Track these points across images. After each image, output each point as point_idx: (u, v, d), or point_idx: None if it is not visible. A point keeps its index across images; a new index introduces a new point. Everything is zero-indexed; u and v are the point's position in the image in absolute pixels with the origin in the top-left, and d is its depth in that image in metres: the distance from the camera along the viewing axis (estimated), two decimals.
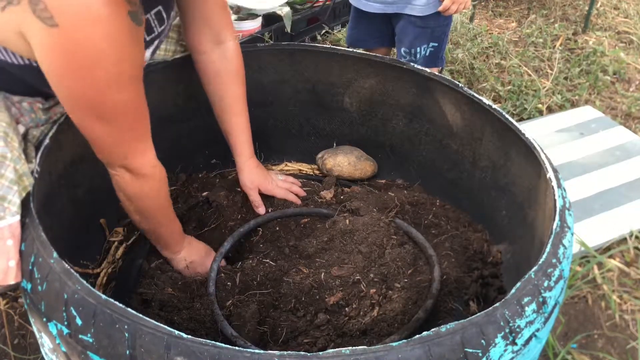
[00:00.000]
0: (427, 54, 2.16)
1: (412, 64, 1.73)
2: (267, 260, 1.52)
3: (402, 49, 2.16)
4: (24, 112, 1.28)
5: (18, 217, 1.10)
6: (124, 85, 1.09)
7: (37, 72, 1.07)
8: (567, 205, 1.22)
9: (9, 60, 1.13)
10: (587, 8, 3.74)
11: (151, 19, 1.29)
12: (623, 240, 2.08)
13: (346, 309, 1.39)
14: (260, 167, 1.70)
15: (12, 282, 1.07)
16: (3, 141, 1.14)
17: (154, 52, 1.42)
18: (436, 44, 2.15)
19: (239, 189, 1.72)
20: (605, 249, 2.06)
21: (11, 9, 0.98)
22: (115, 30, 1.01)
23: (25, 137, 1.28)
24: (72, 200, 1.45)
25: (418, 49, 2.14)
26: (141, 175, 1.25)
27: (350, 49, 1.81)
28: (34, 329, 1.12)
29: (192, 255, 1.51)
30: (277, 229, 1.64)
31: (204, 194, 1.76)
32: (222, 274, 1.45)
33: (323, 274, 1.45)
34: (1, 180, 1.09)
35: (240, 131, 1.62)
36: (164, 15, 1.33)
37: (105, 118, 1.12)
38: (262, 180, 1.68)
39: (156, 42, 1.37)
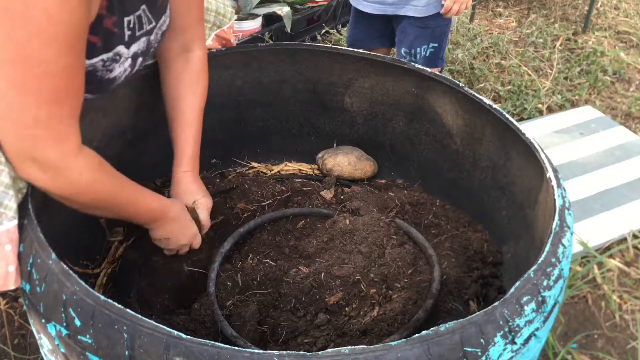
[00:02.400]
0: (427, 54, 2.16)
1: (412, 63, 1.73)
2: (267, 260, 1.52)
3: (402, 49, 2.17)
4: None
5: (15, 222, 1.09)
6: (60, 41, 0.93)
7: None
8: (566, 204, 1.22)
9: None
10: (587, 8, 3.74)
11: (143, 14, 1.23)
12: (623, 240, 2.08)
13: (346, 309, 1.39)
14: (198, 183, 1.53)
15: (12, 286, 1.07)
16: None
17: (143, 55, 1.30)
18: (436, 45, 2.15)
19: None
20: (605, 249, 2.06)
21: None
22: None
23: None
24: None
25: (418, 49, 2.14)
26: (62, 173, 1.02)
27: (351, 49, 1.81)
28: (33, 329, 1.12)
29: (172, 227, 1.38)
30: (277, 229, 1.64)
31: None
32: (222, 274, 1.45)
33: (323, 274, 1.45)
34: None
35: (185, 143, 1.49)
36: (149, 15, 1.25)
37: (27, 79, 0.92)
38: (193, 192, 1.51)
39: (143, 40, 1.26)
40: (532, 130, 2.63)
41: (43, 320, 0.99)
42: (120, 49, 1.18)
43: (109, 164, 1.15)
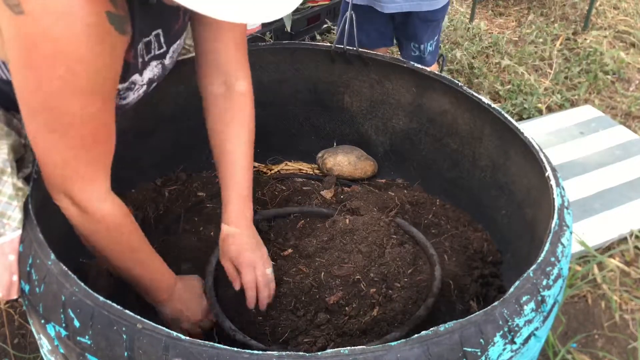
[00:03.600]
0: (432, 48, 2.16)
1: (412, 63, 1.73)
2: None
3: (412, 44, 2.15)
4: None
5: (19, 232, 1.10)
6: (84, 93, 0.96)
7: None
8: (565, 204, 1.22)
9: (8, 78, 1.07)
10: (586, 7, 3.74)
11: (153, 40, 1.19)
12: (623, 240, 2.08)
13: (346, 308, 1.39)
14: (252, 238, 1.39)
15: (14, 296, 1.08)
16: (2, 158, 1.13)
17: (158, 80, 1.29)
18: (437, 37, 2.15)
19: None
20: (606, 249, 2.06)
21: None
22: (85, 26, 0.90)
23: (25, 145, 1.27)
24: None
25: (427, 44, 2.13)
26: (86, 211, 1.06)
27: (352, 48, 1.81)
28: (33, 330, 1.12)
29: (182, 303, 1.29)
30: (277, 228, 1.64)
31: None
32: (222, 274, 1.45)
33: (323, 273, 1.45)
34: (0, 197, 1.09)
35: (231, 191, 1.37)
36: (162, 40, 1.21)
37: (55, 127, 0.98)
38: (247, 248, 1.38)
39: (155, 64, 1.23)
40: (532, 129, 2.63)
41: (42, 321, 0.99)
42: (135, 77, 1.17)
43: (134, 220, 1.17)
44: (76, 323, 0.93)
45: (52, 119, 0.97)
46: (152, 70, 1.21)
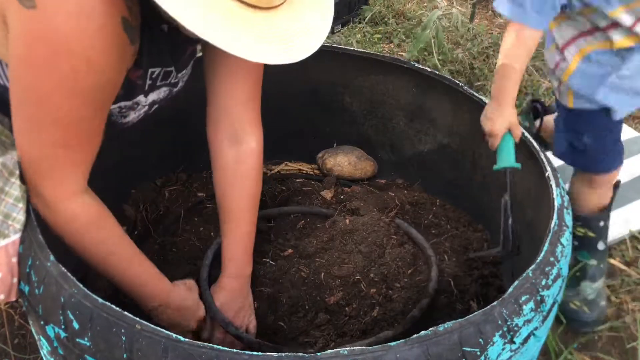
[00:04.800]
0: None
1: (412, 63, 1.73)
2: (267, 260, 1.52)
3: None
4: None
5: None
6: (81, 94, 0.94)
7: None
8: (565, 204, 1.22)
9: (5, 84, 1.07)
10: None
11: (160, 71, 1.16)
12: (623, 240, 2.07)
13: (346, 308, 1.39)
14: (238, 292, 1.37)
15: (14, 298, 1.08)
16: (12, 159, 1.13)
17: (160, 103, 1.25)
18: None
19: None
20: None
21: None
22: (98, 27, 0.88)
23: None
24: None
25: None
26: (56, 211, 1.04)
27: (351, 49, 1.82)
28: (33, 330, 1.12)
29: (178, 312, 1.24)
30: (277, 228, 1.64)
31: None
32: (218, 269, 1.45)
33: (323, 273, 1.45)
34: (6, 198, 1.09)
35: (232, 242, 1.36)
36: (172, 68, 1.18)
37: (41, 122, 0.96)
38: (226, 308, 1.33)
39: (164, 90, 1.21)
40: None
41: (42, 322, 0.99)
42: (140, 98, 1.15)
43: (113, 222, 1.12)
44: (75, 325, 0.93)
45: (40, 114, 0.95)
46: (159, 94, 1.20)
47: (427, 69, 1.70)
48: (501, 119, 1.40)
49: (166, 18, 0.91)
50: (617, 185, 1.75)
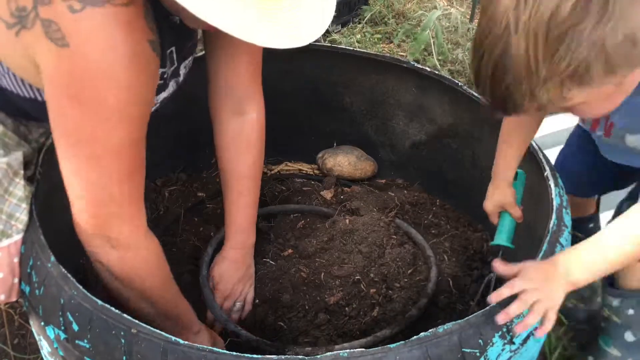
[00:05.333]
0: None
1: (412, 62, 1.73)
2: (267, 260, 1.52)
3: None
4: (31, 129, 1.27)
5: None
6: (127, 120, 0.95)
7: (42, 107, 0.99)
8: (564, 204, 1.22)
9: (19, 93, 1.07)
10: None
11: (167, 57, 1.17)
12: None
13: (346, 308, 1.39)
14: (239, 264, 1.43)
15: (14, 298, 1.09)
16: (17, 160, 1.13)
17: (169, 99, 1.26)
18: None
19: None
20: None
21: (24, 33, 0.91)
22: (132, 56, 0.90)
23: (34, 150, 1.27)
24: None
25: None
26: (130, 247, 1.03)
27: (351, 48, 1.81)
28: (34, 331, 1.12)
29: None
30: (277, 228, 1.64)
31: None
32: None
33: (323, 273, 1.45)
34: (10, 198, 1.10)
35: (235, 212, 1.39)
36: (174, 57, 1.19)
37: (95, 156, 0.95)
38: (227, 278, 1.41)
39: (172, 84, 1.23)
40: None
41: (42, 323, 0.99)
42: (157, 97, 1.16)
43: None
44: (75, 326, 0.93)
45: (98, 149, 0.95)
46: (169, 90, 1.21)
47: (427, 68, 1.70)
48: (491, 200, 1.40)
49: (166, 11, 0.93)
50: None
